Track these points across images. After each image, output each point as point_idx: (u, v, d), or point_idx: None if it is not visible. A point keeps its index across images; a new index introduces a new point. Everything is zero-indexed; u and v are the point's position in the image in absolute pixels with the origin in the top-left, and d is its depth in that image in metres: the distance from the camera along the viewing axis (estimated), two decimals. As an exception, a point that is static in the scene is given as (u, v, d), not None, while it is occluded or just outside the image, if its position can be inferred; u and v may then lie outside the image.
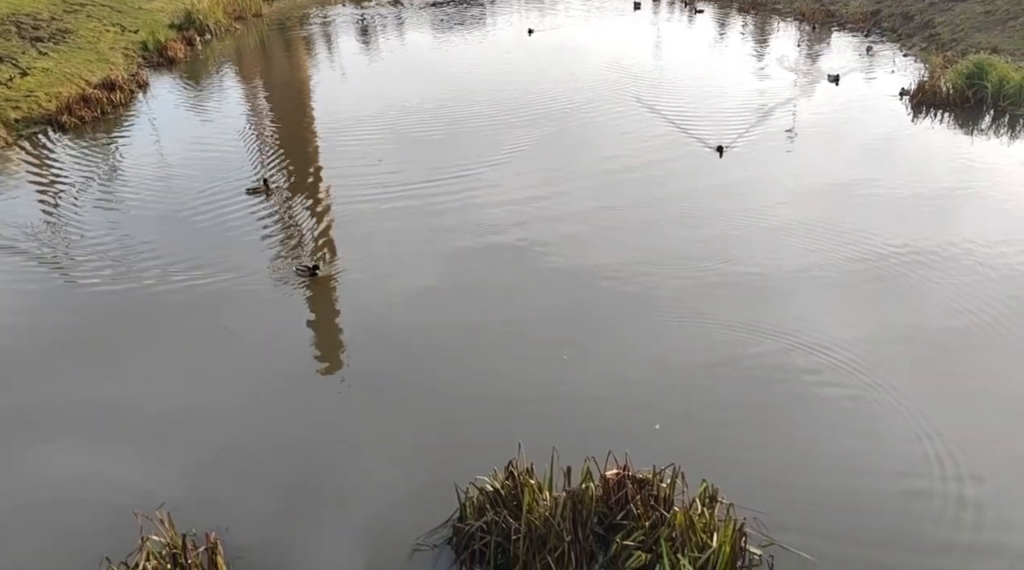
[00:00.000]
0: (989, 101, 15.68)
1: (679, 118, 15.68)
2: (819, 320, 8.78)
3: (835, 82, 17.85)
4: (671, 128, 15.14)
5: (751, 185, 12.49)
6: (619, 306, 9.24)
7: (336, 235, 11.32)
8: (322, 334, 9.05)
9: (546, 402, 7.66)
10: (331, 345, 8.87)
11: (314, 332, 9.06)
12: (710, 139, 14.26)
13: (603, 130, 15.34)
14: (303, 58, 22.85)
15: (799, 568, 5.82)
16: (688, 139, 14.51)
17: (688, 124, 15.30)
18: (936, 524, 6.24)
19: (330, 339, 8.98)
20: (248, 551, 6.12)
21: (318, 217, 11.90)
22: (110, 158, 14.74)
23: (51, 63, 18.26)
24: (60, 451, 7.29)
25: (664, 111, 16.17)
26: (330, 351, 8.75)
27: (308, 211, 12.13)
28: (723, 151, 13.48)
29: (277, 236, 11.32)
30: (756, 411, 7.51)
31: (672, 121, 15.49)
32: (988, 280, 9.46)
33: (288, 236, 11.31)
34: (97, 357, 8.62)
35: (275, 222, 11.75)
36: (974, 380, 7.86)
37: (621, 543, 5.81)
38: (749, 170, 13.06)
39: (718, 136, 14.37)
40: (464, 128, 15.58)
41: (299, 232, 11.42)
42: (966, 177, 12.73)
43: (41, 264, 10.69)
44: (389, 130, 15.62)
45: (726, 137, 14.39)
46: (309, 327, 9.14)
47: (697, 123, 15.34)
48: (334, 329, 9.17)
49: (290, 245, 11.00)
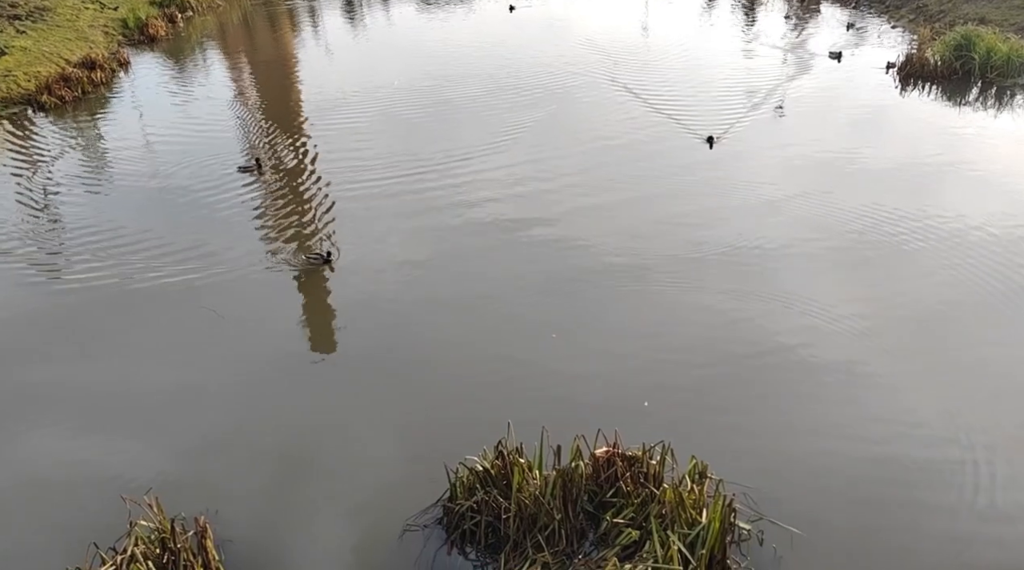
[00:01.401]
0: (976, 73, 15.64)
1: (665, 102, 15.59)
2: (808, 292, 8.78)
3: (837, 59, 17.50)
4: (654, 111, 15.04)
5: (739, 159, 12.45)
6: (606, 284, 9.22)
7: (327, 215, 11.21)
8: (310, 316, 8.99)
9: (535, 380, 7.65)
10: (320, 326, 8.81)
11: (302, 314, 9.00)
12: (700, 128, 14.14)
13: (582, 106, 15.25)
14: (288, 34, 22.56)
15: (789, 542, 5.85)
16: (673, 119, 14.43)
17: (676, 108, 15.21)
18: (931, 493, 6.28)
19: (319, 320, 8.93)
20: (238, 534, 6.11)
21: (308, 199, 11.79)
22: (92, 139, 14.54)
23: (29, 42, 17.94)
24: (47, 437, 7.24)
25: (649, 94, 16.06)
26: (318, 332, 8.70)
27: (297, 192, 12.02)
28: (713, 142, 12.94)
29: (267, 217, 11.21)
30: (746, 385, 7.52)
31: (655, 106, 15.39)
32: (985, 249, 9.52)
33: (278, 218, 11.20)
34: (82, 342, 8.54)
35: (266, 202, 11.63)
36: (964, 349, 7.91)
37: (611, 521, 5.82)
38: (739, 145, 13.02)
39: (710, 122, 14.27)
40: (451, 106, 15.45)
41: (290, 214, 11.31)
42: (952, 149, 12.73)
43: (26, 246, 10.55)
44: (374, 105, 15.46)
45: (719, 120, 14.32)
46: (297, 309, 9.08)
47: (686, 106, 15.25)
48: (323, 310, 9.11)
49: (282, 227, 10.88)
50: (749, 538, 5.91)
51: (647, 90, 15.84)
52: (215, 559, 5.77)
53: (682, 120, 14.12)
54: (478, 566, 5.84)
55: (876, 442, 6.79)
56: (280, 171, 12.73)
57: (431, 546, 5.98)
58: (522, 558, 5.69)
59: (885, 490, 6.33)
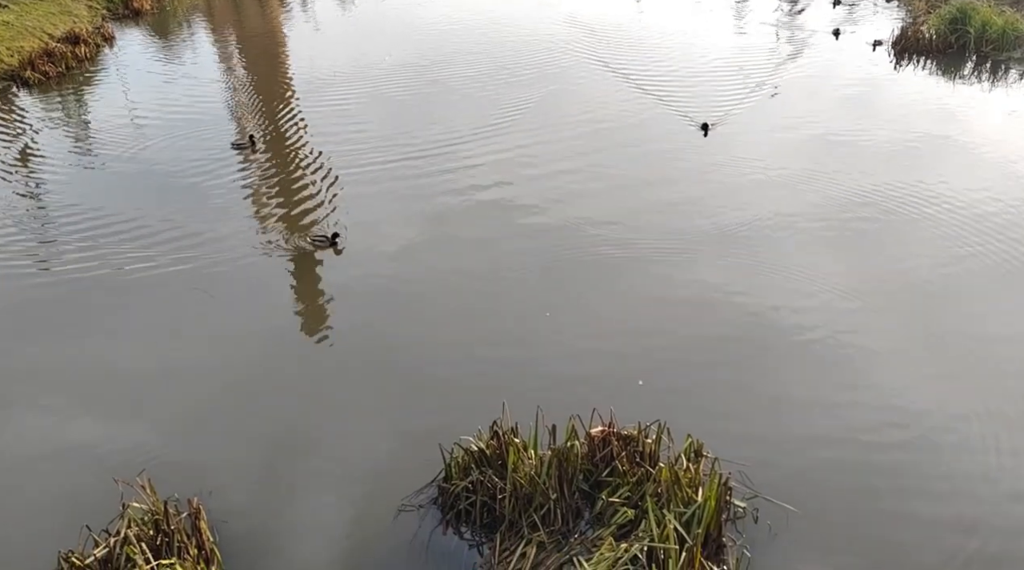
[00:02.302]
0: (972, 46, 15.54)
1: (655, 83, 15.44)
2: (805, 268, 8.76)
3: (835, 35, 17.23)
4: (647, 93, 14.92)
5: (734, 137, 12.36)
6: (600, 262, 9.17)
7: (324, 194, 11.09)
8: (303, 296, 8.92)
9: (529, 360, 7.61)
10: (313, 306, 8.74)
11: (295, 294, 8.93)
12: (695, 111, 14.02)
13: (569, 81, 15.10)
14: (276, 8, 22.19)
15: (783, 519, 5.86)
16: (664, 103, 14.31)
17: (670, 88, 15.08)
18: (926, 469, 6.30)
19: (311, 300, 8.85)
20: (233, 515, 6.08)
21: (301, 177, 11.64)
22: (77, 115, 14.31)
23: (11, 16, 17.61)
24: (36, 419, 7.18)
25: (640, 75, 15.91)
26: (311, 312, 8.63)
27: (290, 170, 11.87)
28: (708, 129, 12.41)
29: (259, 196, 11.08)
30: (742, 363, 7.51)
31: (646, 89, 15.25)
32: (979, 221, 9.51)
33: (269, 198, 11.06)
34: (70, 322, 8.45)
35: (257, 180, 11.49)
36: (957, 325, 7.91)
37: (607, 500, 5.82)
38: (735, 125, 12.91)
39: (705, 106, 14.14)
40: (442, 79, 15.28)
41: (281, 193, 11.17)
42: (944, 124, 12.68)
43: (13, 227, 10.40)
44: (365, 80, 15.26)
45: (718, 101, 14.21)
46: (290, 289, 9.00)
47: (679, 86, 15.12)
48: (316, 291, 9.03)
49: (272, 206, 10.75)
50: (744, 516, 5.92)
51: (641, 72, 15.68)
52: (209, 540, 5.74)
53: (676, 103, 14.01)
54: (473, 546, 5.84)
55: (873, 425, 6.80)
56: (270, 147, 12.57)
57: (426, 526, 5.97)
58: (517, 538, 5.68)
59: (885, 469, 6.35)
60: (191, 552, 5.55)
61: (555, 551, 5.60)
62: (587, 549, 5.56)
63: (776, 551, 5.71)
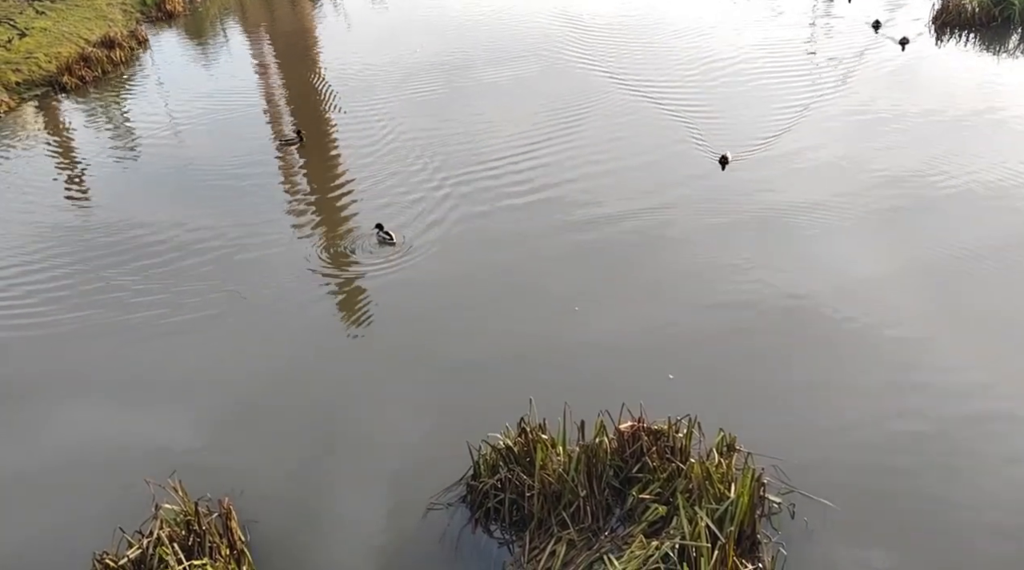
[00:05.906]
0: (1017, 19, 14.97)
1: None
2: (839, 257, 8.54)
3: (875, 28, 15.83)
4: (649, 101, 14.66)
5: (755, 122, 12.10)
6: (629, 254, 9.04)
7: (364, 189, 11.07)
8: (336, 296, 8.93)
9: (559, 355, 7.52)
10: (346, 307, 8.74)
11: (328, 291, 8.94)
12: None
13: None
14: (307, 5, 22.25)
15: (821, 515, 5.71)
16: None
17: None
18: (964, 461, 6.09)
19: (344, 300, 8.86)
20: (264, 515, 6.10)
21: (343, 172, 11.65)
22: (116, 119, 14.52)
23: (49, 23, 17.93)
24: (70, 418, 7.30)
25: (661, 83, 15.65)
26: (345, 311, 8.64)
27: (335, 167, 11.86)
28: (726, 163, 10.57)
29: (299, 192, 11.14)
30: (774, 354, 7.34)
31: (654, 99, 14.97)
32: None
33: (310, 193, 11.09)
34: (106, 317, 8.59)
35: (297, 175, 11.55)
36: (993, 309, 7.65)
37: (637, 496, 5.71)
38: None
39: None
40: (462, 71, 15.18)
41: (319, 190, 11.21)
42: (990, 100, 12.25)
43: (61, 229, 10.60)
44: (397, 69, 15.22)
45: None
46: (323, 289, 9.02)
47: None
48: (349, 291, 9.04)
49: (316, 207, 10.77)
50: (779, 511, 5.77)
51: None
52: (240, 540, 5.78)
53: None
54: (503, 544, 5.78)
55: (913, 418, 6.58)
56: (310, 143, 12.55)
57: (455, 524, 5.93)
58: (547, 535, 5.61)
59: (922, 463, 6.15)
60: (222, 552, 5.59)
61: (585, 549, 5.53)
62: (617, 547, 5.47)
63: (814, 548, 5.57)
